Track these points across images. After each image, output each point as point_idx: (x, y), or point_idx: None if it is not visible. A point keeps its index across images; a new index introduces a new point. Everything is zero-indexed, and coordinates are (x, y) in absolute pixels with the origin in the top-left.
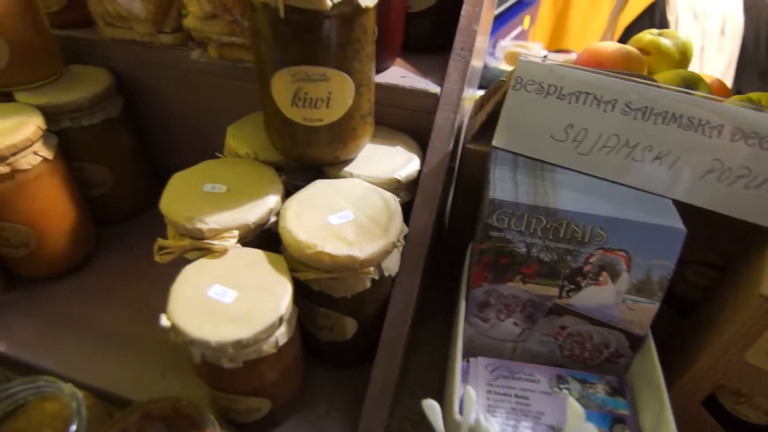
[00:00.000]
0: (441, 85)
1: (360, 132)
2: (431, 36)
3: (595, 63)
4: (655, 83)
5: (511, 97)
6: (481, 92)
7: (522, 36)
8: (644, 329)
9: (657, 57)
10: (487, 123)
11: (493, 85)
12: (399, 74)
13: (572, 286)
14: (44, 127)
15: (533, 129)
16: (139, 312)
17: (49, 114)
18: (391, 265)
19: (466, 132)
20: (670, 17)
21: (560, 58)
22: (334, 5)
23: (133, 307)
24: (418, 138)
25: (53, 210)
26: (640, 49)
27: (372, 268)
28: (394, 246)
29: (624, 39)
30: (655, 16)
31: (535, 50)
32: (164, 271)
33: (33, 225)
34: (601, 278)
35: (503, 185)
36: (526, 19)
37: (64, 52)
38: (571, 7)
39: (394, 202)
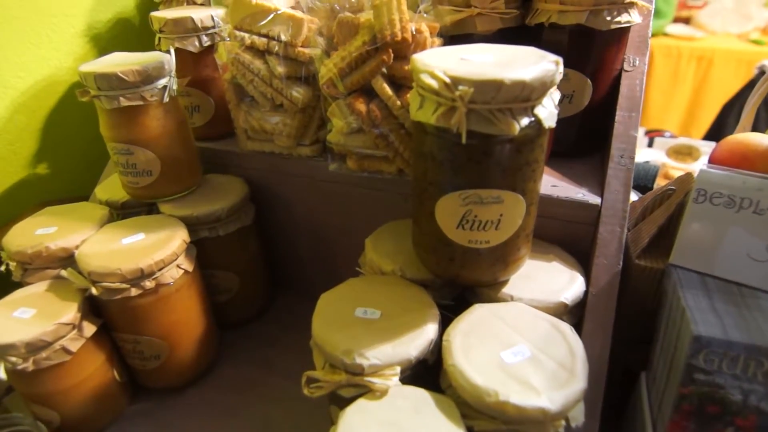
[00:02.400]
0: (599, 194)
1: (523, 251)
2: (575, 142)
3: (742, 157)
4: None
5: (693, 210)
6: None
7: None
8: None
9: None
10: (659, 236)
11: (658, 192)
12: (549, 183)
13: None
14: (188, 240)
15: (724, 247)
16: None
17: (190, 225)
18: (578, 414)
19: (629, 244)
20: None
21: (671, 142)
22: (521, 129)
23: (256, 424)
24: (573, 250)
25: (187, 321)
26: None
27: (562, 421)
28: (585, 393)
29: (723, 118)
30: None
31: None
32: (284, 383)
33: (167, 337)
34: None
35: (704, 317)
36: None
37: (202, 162)
38: (650, 82)
39: (573, 335)
